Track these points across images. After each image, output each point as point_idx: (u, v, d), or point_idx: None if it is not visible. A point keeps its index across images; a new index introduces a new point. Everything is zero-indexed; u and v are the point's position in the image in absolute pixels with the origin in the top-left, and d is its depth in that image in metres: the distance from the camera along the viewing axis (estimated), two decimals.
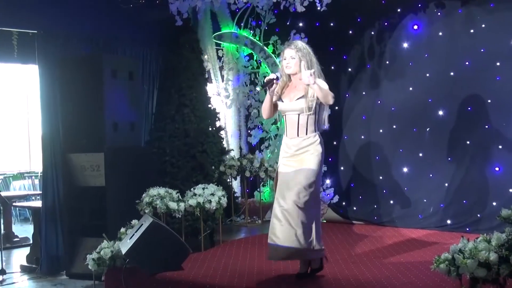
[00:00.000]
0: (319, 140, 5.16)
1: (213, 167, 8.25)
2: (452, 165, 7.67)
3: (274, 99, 5.25)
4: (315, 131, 5.16)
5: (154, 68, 8.56)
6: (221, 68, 9.71)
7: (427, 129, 7.94)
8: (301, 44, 5.25)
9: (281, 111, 5.26)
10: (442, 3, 7.85)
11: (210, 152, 8.18)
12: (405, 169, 8.13)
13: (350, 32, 8.72)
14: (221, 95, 9.63)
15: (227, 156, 8.71)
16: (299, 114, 5.11)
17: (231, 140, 9.67)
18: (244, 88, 9.63)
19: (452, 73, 7.72)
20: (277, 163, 8.49)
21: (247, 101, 9.68)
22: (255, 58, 9.70)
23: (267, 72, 9.59)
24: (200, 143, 8.09)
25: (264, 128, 9.60)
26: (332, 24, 8.90)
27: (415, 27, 8.08)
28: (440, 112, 7.82)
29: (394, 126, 8.29)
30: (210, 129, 8.42)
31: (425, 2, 7.97)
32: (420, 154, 7.99)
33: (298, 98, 5.12)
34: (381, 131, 8.41)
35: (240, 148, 9.74)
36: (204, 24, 9.36)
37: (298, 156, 5.13)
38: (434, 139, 7.87)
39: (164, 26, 8.49)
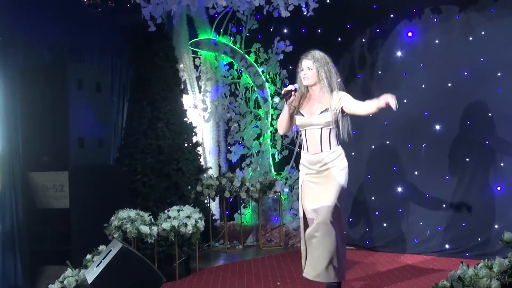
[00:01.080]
0: (343, 153, 5.35)
1: (189, 187, 8.22)
2: (450, 184, 7.71)
3: (290, 111, 5.39)
4: (338, 145, 5.32)
5: (125, 79, 8.54)
6: (198, 78, 9.72)
7: (423, 145, 8.00)
8: (318, 54, 5.40)
9: (300, 126, 5.38)
10: (438, 9, 7.94)
11: (186, 170, 8.15)
12: (399, 189, 8.16)
13: (339, 39, 8.79)
14: (198, 107, 9.63)
15: (205, 175, 8.69)
16: (322, 128, 5.24)
17: (209, 157, 9.67)
18: (223, 100, 9.65)
19: (449, 84, 7.79)
20: (260, 182, 8.56)
21: (226, 115, 9.70)
22: (235, 67, 9.74)
23: (248, 83, 9.62)
24: (175, 160, 8.07)
25: (245, 144, 9.62)
26: (319, 30, 8.97)
27: (410, 34, 8.16)
28: (437, 126, 7.88)
29: (387, 142, 8.33)
30: (186, 145, 8.40)
31: (420, 7, 8.05)
32: (416, 172, 8.04)
33: (321, 112, 5.24)
34: (373, 147, 8.45)
35: (219, 166, 9.74)
36: (180, 30, 9.38)
37: (325, 172, 5.27)
38: (431, 155, 7.92)
39: (135, 33, 8.47)
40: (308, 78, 5.31)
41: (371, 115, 8.32)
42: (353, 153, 8.54)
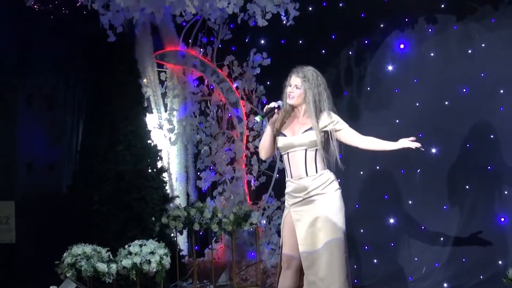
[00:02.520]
0: (333, 177, 5.21)
1: (153, 219, 8.18)
2: (448, 215, 7.76)
3: (273, 132, 5.30)
4: (325, 168, 5.21)
5: (80, 94, 8.50)
6: (164, 95, 9.69)
7: (418, 171, 8.05)
8: (312, 73, 5.24)
9: (282, 148, 5.23)
10: (433, 18, 8.03)
11: (149, 199, 8.12)
12: (391, 220, 8.19)
13: (323, 51, 8.84)
14: (164, 128, 9.60)
15: (171, 205, 8.64)
16: (306, 150, 5.16)
17: (176, 184, 9.62)
18: (192, 120, 9.63)
19: (446, 102, 7.87)
20: (234, 213, 8.53)
21: (196, 136, 9.67)
22: (206, 82, 9.73)
23: (220, 100, 9.63)
24: (137, 188, 8.03)
25: (217, 169, 9.59)
26: (300, 41, 9.02)
27: (402, 46, 8.24)
28: (433, 150, 7.94)
29: (378, 167, 8.37)
30: (149, 170, 8.37)
31: (413, 16, 8.14)
32: (410, 202, 8.07)
33: (306, 130, 5.17)
34: (361, 173, 8.49)
35: (187, 195, 9.69)
36: (143, 40, 9.36)
37: (312, 200, 5.12)
38: (426, 182, 7.96)
39: (93, 43, 8.47)
40: (293, 98, 5.18)
41: None
42: (339, 180, 8.54)
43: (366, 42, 8.52)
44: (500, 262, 7.30)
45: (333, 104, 5.25)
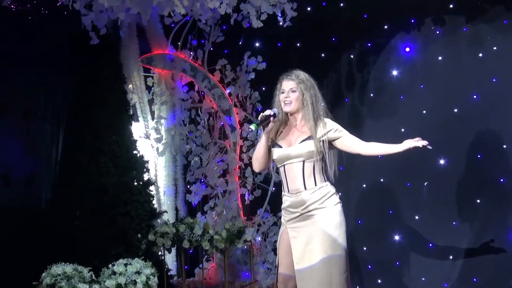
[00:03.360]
0: (333, 190, 5.20)
1: (139, 235, 8.16)
2: (458, 231, 7.76)
3: (268, 143, 5.26)
4: (325, 181, 5.21)
5: (61, 102, 8.50)
6: (151, 102, 9.69)
7: (425, 184, 8.05)
8: (304, 74, 5.30)
9: (278, 160, 5.24)
10: (441, 19, 8.05)
11: (135, 215, 8.11)
12: (396, 237, 8.19)
13: (323, 55, 8.86)
14: (151, 137, 9.60)
15: (159, 221, 8.63)
16: (304, 161, 5.14)
17: (164, 198, 9.61)
18: (181, 129, 9.63)
19: (455, 110, 7.88)
20: (227, 229, 8.53)
21: (185, 146, 9.67)
22: (196, 88, 9.74)
23: (212, 107, 9.63)
24: (121, 202, 8.02)
25: (208, 182, 9.59)
26: (298, 44, 9.04)
27: (407, 49, 8.26)
28: (441, 161, 7.95)
29: (382, 180, 8.38)
30: (135, 183, 8.36)
31: (419, 17, 8.16)
32: (416, 217, 8.08)
33: (303, 140, 5.15)
34: (364, 186, 8.49)
35: (176, 210, 9.68)
36: (129, 43, 9.36)
37: (311, 215, 5.11)
38: (434, 196, 7.97)
39: (74, 46, 8.46)
40: (290, 103, 5.19)
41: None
42: (340, 194, 8.56)
43: (368, 45, 8.54)
44: None
45: (326, 107, 5.32)
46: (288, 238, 5.19)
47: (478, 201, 7.67)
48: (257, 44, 9.46)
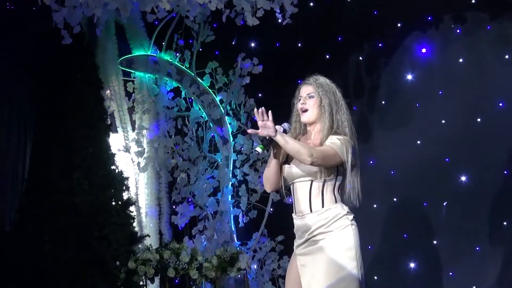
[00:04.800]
0: (344, 212, 5.16)
1: (117, 263, 8.17)
2: (482, 258, 7.78)
3: (280, 160, 5.23)
4: (335, 202, 5.17)
5: (27, 110, 8.51)
6: (131, 110, 9.71)
7: (444, 204, 8.08)
8: (324, 78, 5.33)
9: (288, 179, 5.24)
10: (462, 16, 8.08)
11: (113, 239, 8.11)
12: (411, 264, 8.21)
13: (327, 56, 8.89)
14: (131, 151, 9.61)
15: (140, 246, 8.64)
16: (312, 181, 5.13)
17: (146, 220, 9.62)
18: (166, 141, 9.62)
19: (479, 119, 7.92)
20: (218, 256, 8.52)
21: (171, 161, 9.67)
22: (183, 94, 9.75)
23: (201, 116, 9.64)
24: (98, 225, 8.02)
25: (197, 202, 9.59)
26: (299, 44, 9.06)
27: (424, 50, 8.30)
28: (463, 178, 7.98)
29: (395, 199, 8.40)
30: (113, 203, 8.36)
31: (437, 14, 8.19)
32: (435, 242, 8.10)
33: None
34: (374, 206, 8.51)
35: (160, 234, 9.68)
36: (106, 43, 9.39)
37: (316, 241, 5.09)
38: (455, 218, 8.00)
39: (44, 46, 8.48)
40: (306, 111, 5.16)
41: (371, 162, 8.44)
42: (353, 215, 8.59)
43: (379, 45, 8.58)
44: None
45: (351, 119, 5.20)
46: (297, 266, 5.20)
47: (505, 223, 7.70)
48: (252, 45, 9.49)
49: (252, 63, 9.32)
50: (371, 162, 8.49)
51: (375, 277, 8.39)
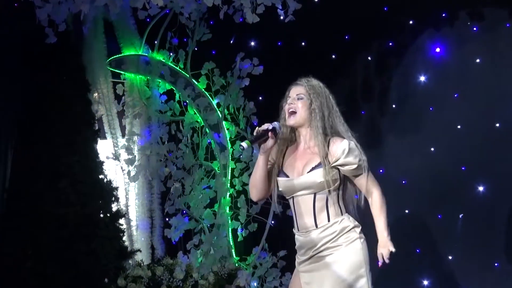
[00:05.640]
0: (352, 224, 5.18)
1: (106, 280, 8.18)
2: (500, 274, 7.79)
3: (269, 160, 5.19)
4: (341, 214, 5.17)
5: (10, 115, 8.52)
6: (121, 115, 9.71)
7: (460, 216, 8.08)
8: (317, 81, 5.26)
9: (285, 192, 5.22)
10: (479, 13, 8.09)
11: (101, 254, 8.12)
12: (425, 281, 8.22)
13: (333, 56, 8.90)
14: (121, 158, 9.63)
15: (130, 262, 8.65)
16: (315, 193, 5.10)
17: (137, 234, 9.63)
18: (159, 148, 9.62)
19: (498, 124, 7.92)
20: (215, 273, 8.51)
21: (164, 169, 9.66)
22: (177, 97, 9.76)
23: (196, 121, 9.64)
24: (84, 238, 8.04)
25: (192, 214, 9.59)
26: (303, 43, 9.07)
27: (438, 49, 8.31)
28: (480, 188, 7.98)
29: (406, 211, 8.41)
30: (101, 215, 8.38)
31: (452, 10, 8.20)
32: (450, 257, 8.11)
33: (313, 168, 5.08)
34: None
35: (152, 248, 9.68)
36: (94, 42, 9.40)
37: (322, 256, 5.09)
38: (471, 231, 8.00)
39: (26, 46, 8.50)
40: (293, 114, 5.10)
41: (381, 170, 8.44)
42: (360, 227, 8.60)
43: (390, 44, 8.59)
44: None
45: (346, 121, 5.20)
46: (300, 284, 5.20)
47: None
48: (252, 44, 9.50)
49: (252, 63, 9.31)
50: (381, 171, 8.49)
51: None
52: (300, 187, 5.10)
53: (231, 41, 9.56)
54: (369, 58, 8.69)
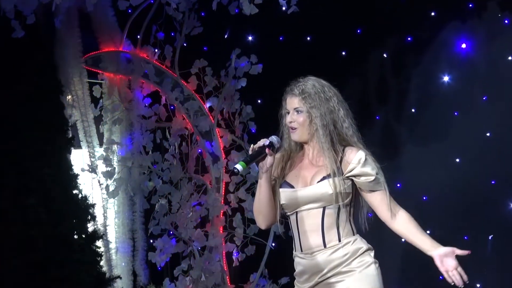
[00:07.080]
0: (365, 246, 5.10)
1: None
2: None
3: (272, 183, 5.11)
4: (353, 233, 5.11)
5: None
6: (98, 120, 9.72)
7: (489, 237, 8.10)
8: (312, 83, 5.10)
9: (288, 206, 5.10)
10: (511, 2, 8.11)
11: (76, 280, 8.14)
12: None
13: (343, 53, 8.92)
14: (98, 171, 9.64)
15: None
16: (324, 208, 5.04)
17: (116, 258, 9.64)
18: (142, 159, 9.64)
19: None
20: None
21: (147, 184, 9.67)
22: (163, 101, 9.76)
23: (185, 128, 9.65)
24: (57, 263, 8.05)
25: (179, 235, 9.58)
26: (308, 38, 9.08)
27: (463, 45, 8.33)
28: None
29: (428, 231, 8.39)
30: (76, 236, 8.39)
31: (480, 1, 8.21)
32: (478, 285, 8.12)
33: (323, 178, 5.01)
34: (403, 240, 8.49)
35: (134, 275, 9.70)
36: (67, 36, 9.41)
37: (332, 283, 4.98)
38: (502, 255, 8.02)
39: None
40: (295, 129, 5.03)
41: (398, 185, 8.46)
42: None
43: (408, 39, 8.61)
44: None
45: (357, 127, 5.10)
46: None
47: None
48: (250, 38, 9.51)
49: (250, 61, 9.31)
50: (398, 185, 8.51)
51: None
52: (306, 200, 5.01)
53: (226, 36, 9.57)
54: (385, 55, 8.71)
